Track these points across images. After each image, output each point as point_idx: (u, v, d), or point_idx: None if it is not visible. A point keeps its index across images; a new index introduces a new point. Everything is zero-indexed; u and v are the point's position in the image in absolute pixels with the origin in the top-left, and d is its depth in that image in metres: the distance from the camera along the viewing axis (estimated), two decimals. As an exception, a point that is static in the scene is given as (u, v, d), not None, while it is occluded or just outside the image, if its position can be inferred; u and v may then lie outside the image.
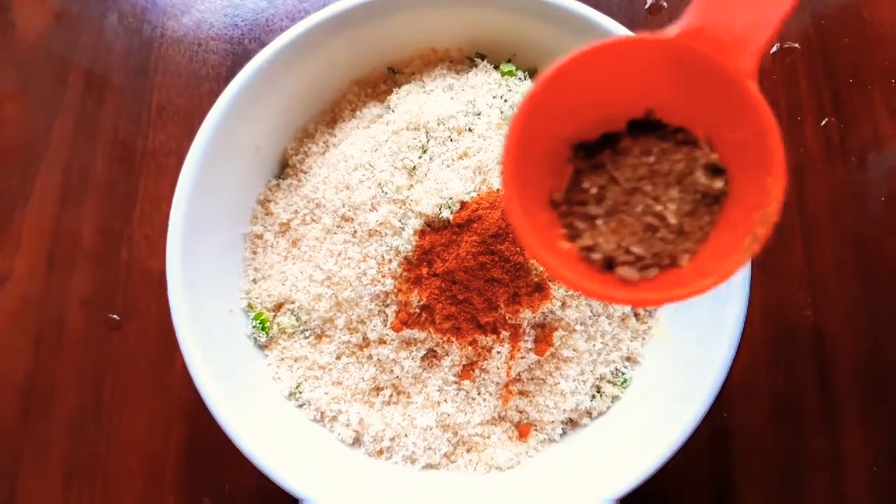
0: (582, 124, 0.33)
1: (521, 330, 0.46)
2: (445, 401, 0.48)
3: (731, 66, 0.30)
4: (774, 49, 0.64)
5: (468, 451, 0.49)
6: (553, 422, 0.49)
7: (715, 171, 0.32)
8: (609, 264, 0.31)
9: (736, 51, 0.30)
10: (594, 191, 0.32)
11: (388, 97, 0.53)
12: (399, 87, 0.53)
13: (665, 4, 0.65)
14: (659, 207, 0.31)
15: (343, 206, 0.48)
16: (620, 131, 0.33)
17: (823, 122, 0.62)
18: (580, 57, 0.31)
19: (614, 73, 0.31)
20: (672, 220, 0.31)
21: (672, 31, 0.30)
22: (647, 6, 0.65)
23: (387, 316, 0.47)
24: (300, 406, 0.50)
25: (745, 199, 0.31)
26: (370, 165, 0.48)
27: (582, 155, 0.33)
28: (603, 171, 0.33)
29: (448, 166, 0.47)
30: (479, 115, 0.49)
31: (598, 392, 0.50)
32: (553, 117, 0.32)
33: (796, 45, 0.63)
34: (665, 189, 0.32)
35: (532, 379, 0.48)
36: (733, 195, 0.31)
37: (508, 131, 0.30)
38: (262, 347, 0.51)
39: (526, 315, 0.46)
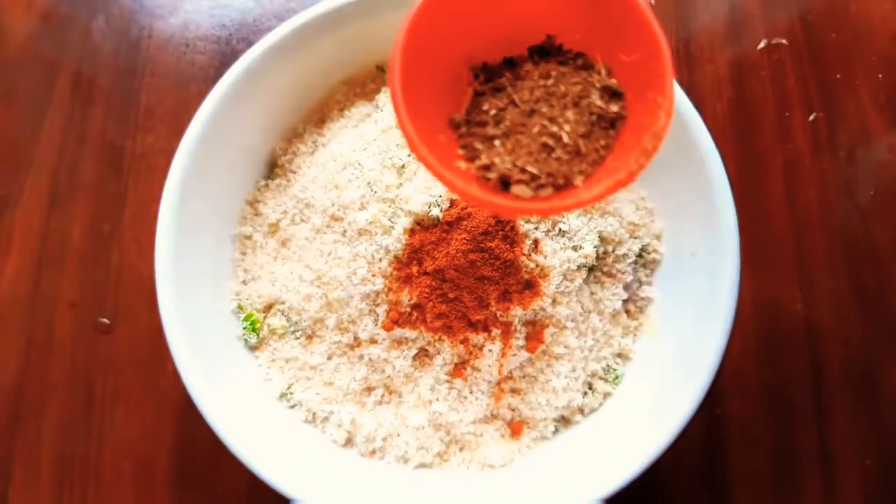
0: (481, 47, 0.33)
1: (513, 327, 0.46)
2: (437, 400, 0.48)
3: None
4: (762, 45, 0.64)
5: (461, 449, 0.49)
6: (545, 419, 0.49)
7: (613, 94, 0.32)
8: (505, 184, 0.32)
9: None
10: (493, 112, 0.33)
11: (376, 96, 0.53)
12: (387, 86, 0.53)
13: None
14: (555, 128, 0.32)
15: (332, 206, 0.48)
16: (522, 56, 0.34)
17: (812, 118, 0.62)
18: None
19: None
20: (566, 139, 0.32)
21: None
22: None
23: (377, 315, 0.46)
24: (292, 407, 0.49)
25: (639, 122, 0.31)
26: (359, 164, 0.48)
27: (483, 78, 0.34)
28: (503, 94, 0.33)
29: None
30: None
31: (590, 389, 0.50)
32: (448, 37, 0.32)
33: (784, 40, 0.63)
34: (562, 111, 0.32)
35: (524, 377, 0.48)
36: (630, 120, 0.32)
37: (395, 50, 0.30)
38: (253, 349, 0.50)
39: (517, 312, 0.46)
